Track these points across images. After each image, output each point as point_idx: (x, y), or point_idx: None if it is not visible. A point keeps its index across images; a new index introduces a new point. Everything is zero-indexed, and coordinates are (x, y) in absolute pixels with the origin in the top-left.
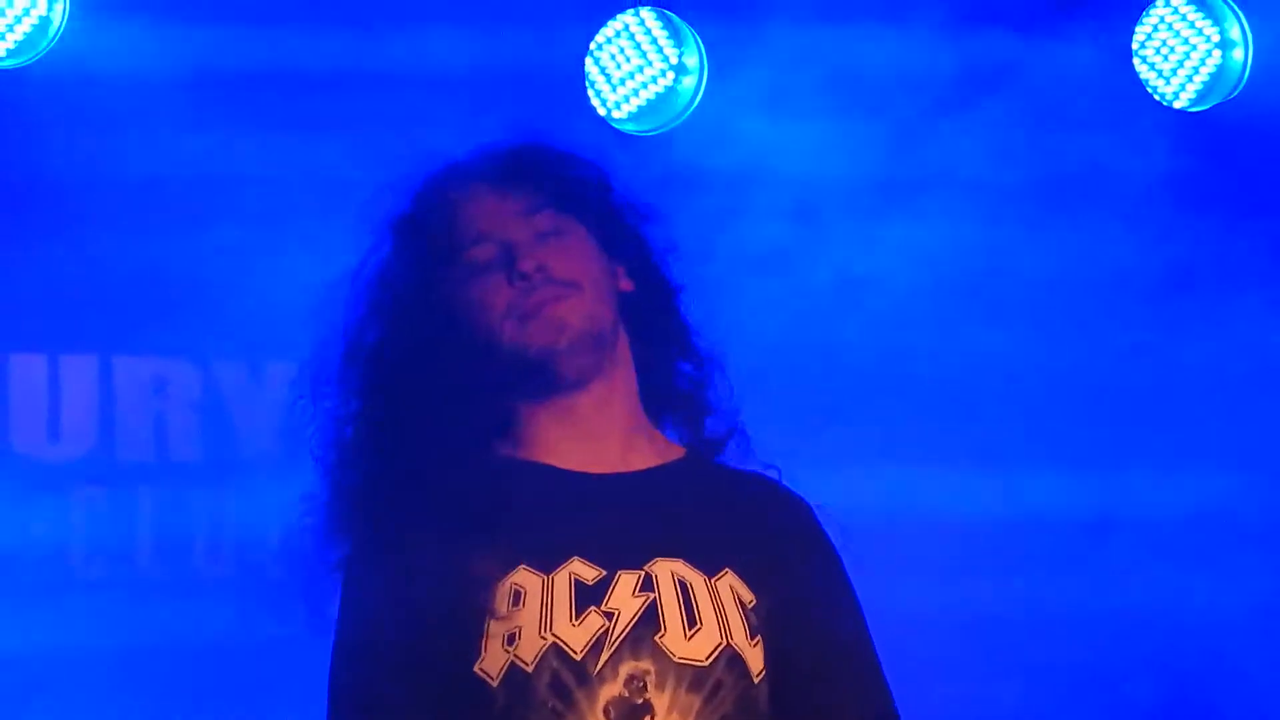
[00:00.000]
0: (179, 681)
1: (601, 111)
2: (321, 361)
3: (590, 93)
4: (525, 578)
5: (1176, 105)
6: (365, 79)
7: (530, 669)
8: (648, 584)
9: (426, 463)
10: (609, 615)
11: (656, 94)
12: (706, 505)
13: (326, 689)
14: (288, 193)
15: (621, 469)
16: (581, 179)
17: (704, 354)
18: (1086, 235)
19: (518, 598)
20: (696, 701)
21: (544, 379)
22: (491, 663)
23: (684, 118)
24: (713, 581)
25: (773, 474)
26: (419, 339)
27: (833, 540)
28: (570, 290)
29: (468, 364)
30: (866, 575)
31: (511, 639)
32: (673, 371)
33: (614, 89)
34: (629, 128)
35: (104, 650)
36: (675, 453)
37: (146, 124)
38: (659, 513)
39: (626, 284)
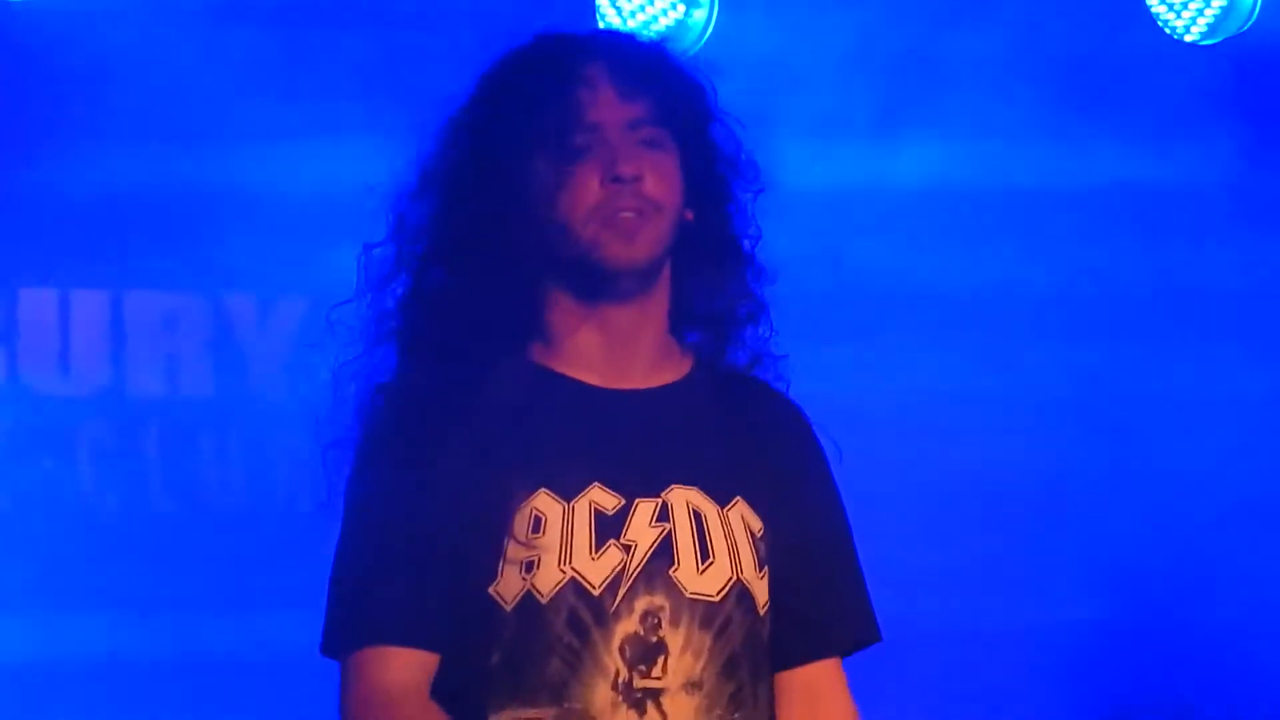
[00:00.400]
0: (188, 621)
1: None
2: (393, 208)
3: (600, 25)
4: (546, 504)
5: (1187, 39)
6: (367, 10)
7: (546, 601)
8: (664, 514)
9: (465, 349)
10: (627, 548)
11: (667, 27)
12: (718, 423)
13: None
14: (295, 128)
15: (643, 385)
16: (691, 101)
17: (758, 297)
18: (1096, 168)
19: (538, 524)
20: (707, 639)
21: (597, 285)
22: (506, 588)
23: (694, 51)
24: (724, 512)
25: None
26: (492, 204)
27: (823, 446)
28: (654, 211)
29: (531, 244)
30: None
31: (530, 567)
32: (711, 300)
33: (624, 22)
34: None
35: (114, 589)
36: (688, 364)
37: (156, 56)
38: (676, 434)
39: (689, 214)
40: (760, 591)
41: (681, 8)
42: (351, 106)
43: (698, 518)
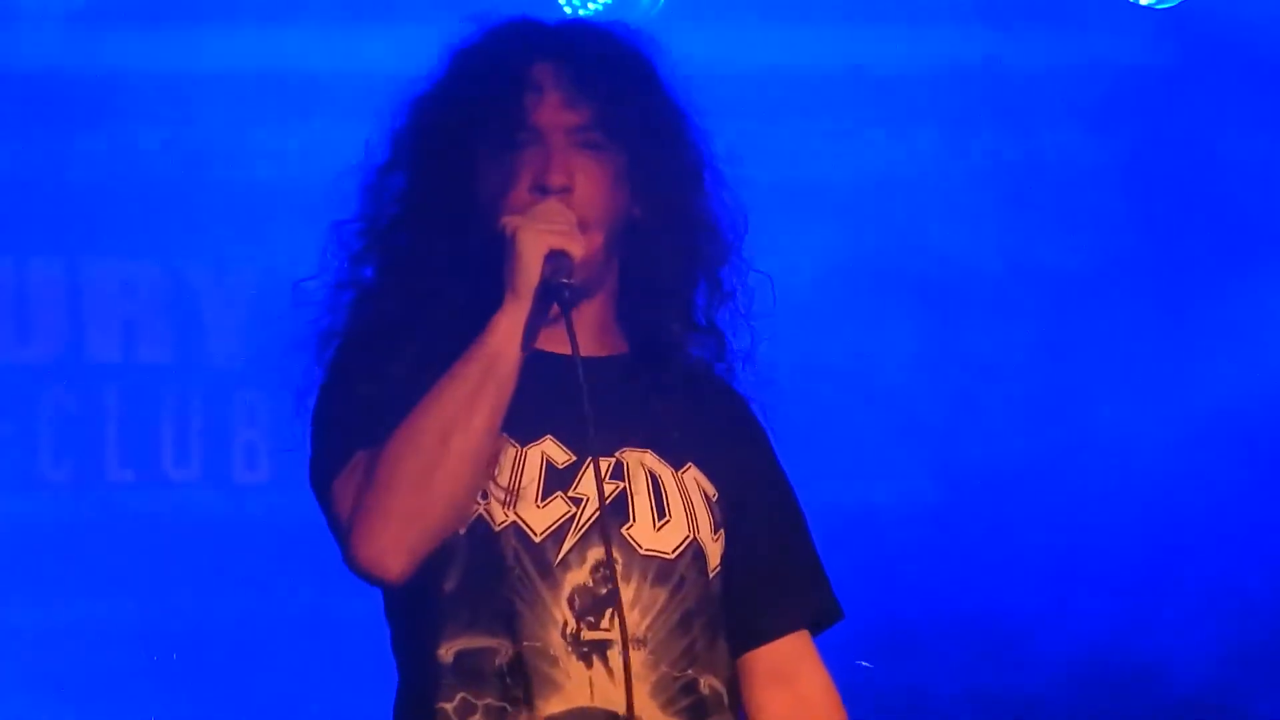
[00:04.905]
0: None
1: (568, 9)
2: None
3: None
4: (502, 443)
5: (1144, 1)
6: None
7: (498, 529)
8: (618, 472)
9: (433, 312)
10: (576, 501)
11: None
12: (669, 396)
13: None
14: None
15: (592, 354)
16: (644, 100)
17: (708, 294)
18: (1049, 134)
19: (493, 459)
20: (662, 595)
21: None
22: None
23: (652, 13)
24: (679, 474)
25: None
26: (448, 197)
27: (767, 430)
28: (580, 228)
29: (479, 233)
30: None
31: (484, 494)
32: (654, 294)
33: None
34: None
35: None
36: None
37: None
38: (627, 400)
39: (636, 210)
40: (714, 554)
41: None
42: (316, 80)
43: (654, 479)
